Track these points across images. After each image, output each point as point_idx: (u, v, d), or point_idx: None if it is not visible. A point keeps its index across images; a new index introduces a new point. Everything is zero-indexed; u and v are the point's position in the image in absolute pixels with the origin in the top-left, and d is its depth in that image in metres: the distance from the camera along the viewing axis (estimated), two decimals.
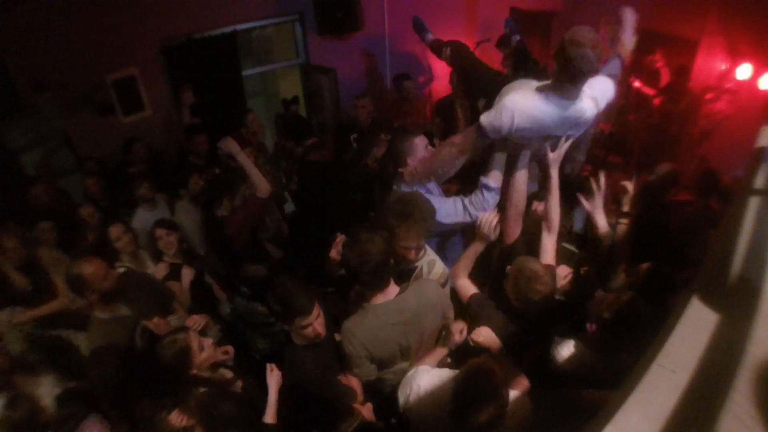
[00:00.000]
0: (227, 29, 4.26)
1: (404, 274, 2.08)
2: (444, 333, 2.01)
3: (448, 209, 2.19)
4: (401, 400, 1.82)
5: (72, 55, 3.62)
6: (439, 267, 2.14)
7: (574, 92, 1.89)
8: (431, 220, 1.93)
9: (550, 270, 1.90)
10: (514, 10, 5.40)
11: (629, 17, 2.27)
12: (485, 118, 1.98)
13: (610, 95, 2.10)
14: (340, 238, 2.09)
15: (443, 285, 2.14)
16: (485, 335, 1.88)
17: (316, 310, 1.82)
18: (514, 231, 2.25)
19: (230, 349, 2.06)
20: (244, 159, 2.70)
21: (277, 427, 1.89)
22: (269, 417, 1.88)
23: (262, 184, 2.74)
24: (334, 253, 2.12)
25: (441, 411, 1.56)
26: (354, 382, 2.00)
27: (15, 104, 3.24)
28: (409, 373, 1.87)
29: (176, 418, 1.59)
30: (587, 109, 1.98)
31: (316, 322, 1.81)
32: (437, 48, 3.07)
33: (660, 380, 0.80)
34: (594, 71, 1.80)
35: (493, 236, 2.09)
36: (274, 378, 1.95)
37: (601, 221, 2.15)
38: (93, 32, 3.66)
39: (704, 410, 0.73)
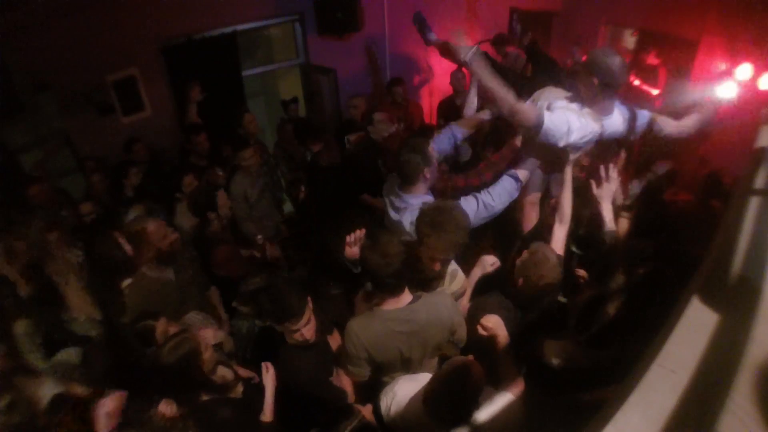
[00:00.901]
0: (227, 29, 4.25)
1: (426, 282, 2.04)
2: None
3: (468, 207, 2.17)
4: (383, 407, 1.81)
5: (72, 55, 3.61)
6: (461, 278, 2.13)
7: (610, 107, 2.06)
8: (463, 235, 1.86)
9: (560, 262, 1.92)
10: (514, 9, 5.40)
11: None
12: (548, 119, 1.97)
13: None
14: (358, 234, 1.98)
15: (462, 294, 2.13)
16: (494, 322, 1.87)
17: (307, 316, 1.81)
18: (530, 219, 2.36)
19: (255, 377, 2.06)
20: None
21: (275, 426, 1.89)
22: (267, 416, 1.89)
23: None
24: (350, 252, 2.01)
25: (423, 414, 1.55)
26: (346, 383, 2.00)
27: (15, 104, 3.23)
28: (391, 383, 1.86)
29: (165, 407, 1.58)
30: (617, 125, 2.12)
31: (304, 329, 1.81)
32: (448, 51, 2.99)
33: (660, 380, 0.80)
34: (622, 82, 1.99)
35: (489, 269, 2.15)
36: (269, 377, 1.96)
37: (607, 212, 2.18)
38: (93, 32, 3.66)
39: (704, 410, 0.73)
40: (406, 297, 1.82)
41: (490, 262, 2.16)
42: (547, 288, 1.89)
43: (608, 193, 2.19)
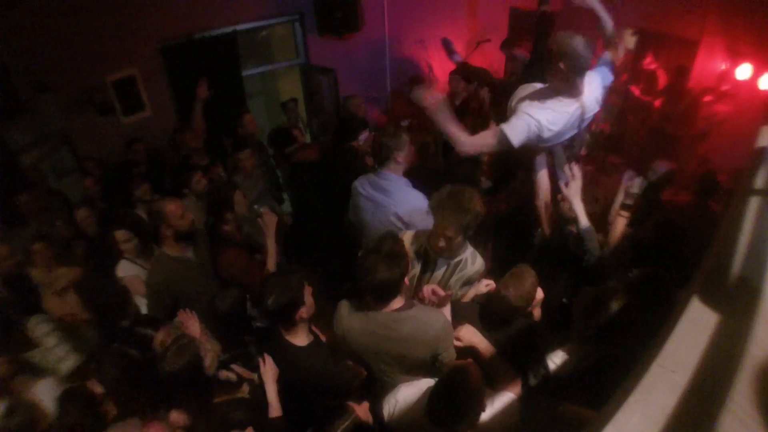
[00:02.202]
0: (227, 29, 4.26)
1: (451, 265, 2.09)
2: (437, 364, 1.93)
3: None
4: (386, 414, 1.79)
5: (72, 55, 3.62)
6: (480, 259, 2.15)
7: (580, 87, 2.09)
8: (468, 217, 1.86)
9: (533, 291, 1.92)
10: (514, 9, 5.40)
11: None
12: (511, 134, 2.07)
13: (607, 83, 2.30)
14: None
15: (481, 274, 2.16)
16: (466, 331, 1.92)
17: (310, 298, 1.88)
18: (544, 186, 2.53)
19: (255, 378, 2.04)
20: None
21: (284, 421, 1.87)
22: (274, 411, 1.85)
23: (272, 262, 2.61)
24: None
25: (424, 419, 1.55)
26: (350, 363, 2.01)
27: (15, 105, 3.23)
28: (394, 389, 1.84)
29: (176, 417, 1.59)
30: (592, 101, 2.17)
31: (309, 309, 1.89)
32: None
33: (660, 380, 0.79)
34: (589, 61, 2.01)
35: (483, 290, 2.14)
36: (269, 371, 1.89)
37: (579, 208, 2.21)
38: (93, 32, 3.66)
39: (704, 410, 0.73)
40: (397, 302, 1.78)
41: (484, 284, 2.17)
42: (503, 309, 1.90)
43: (576, 190, 2.22)
